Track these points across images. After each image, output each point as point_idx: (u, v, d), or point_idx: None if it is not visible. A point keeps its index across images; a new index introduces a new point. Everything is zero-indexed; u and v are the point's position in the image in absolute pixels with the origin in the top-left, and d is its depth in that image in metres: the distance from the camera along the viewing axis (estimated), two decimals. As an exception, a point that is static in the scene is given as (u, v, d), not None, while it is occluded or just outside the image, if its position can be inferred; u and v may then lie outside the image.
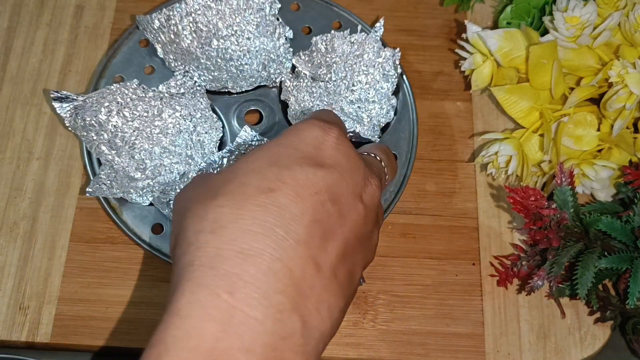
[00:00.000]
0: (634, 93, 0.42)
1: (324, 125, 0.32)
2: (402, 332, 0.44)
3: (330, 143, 0.31)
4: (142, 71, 0.48)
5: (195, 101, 0.45)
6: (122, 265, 0.44)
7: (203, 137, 0.45)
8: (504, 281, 0.44)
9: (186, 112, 0.45)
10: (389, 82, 0.46)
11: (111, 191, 0.42)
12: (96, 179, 0.43)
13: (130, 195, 0.43)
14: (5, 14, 0.52)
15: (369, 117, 0.46)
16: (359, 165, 0.32)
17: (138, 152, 0.43)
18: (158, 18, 0.45)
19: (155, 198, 0.43)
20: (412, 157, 0.46)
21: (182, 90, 0.45)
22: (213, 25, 0.46)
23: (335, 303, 0.29)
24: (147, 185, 0.43)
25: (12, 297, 0.43)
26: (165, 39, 0.46)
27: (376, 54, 0.45)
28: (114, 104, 0.43)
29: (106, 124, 0.43)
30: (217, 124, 0.45)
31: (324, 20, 0.50)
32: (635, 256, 0.41)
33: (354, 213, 0.31)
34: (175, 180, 0.44)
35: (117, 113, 0.43)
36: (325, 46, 0.46)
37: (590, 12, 0.43)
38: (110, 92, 0.43)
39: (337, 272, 0.29)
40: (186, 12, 0.45)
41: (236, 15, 0.46)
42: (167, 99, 0.44)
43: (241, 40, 0.46)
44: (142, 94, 0.44)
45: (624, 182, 0.45)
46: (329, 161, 0.31)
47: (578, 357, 0.43)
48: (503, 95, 0.46)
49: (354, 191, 0.31)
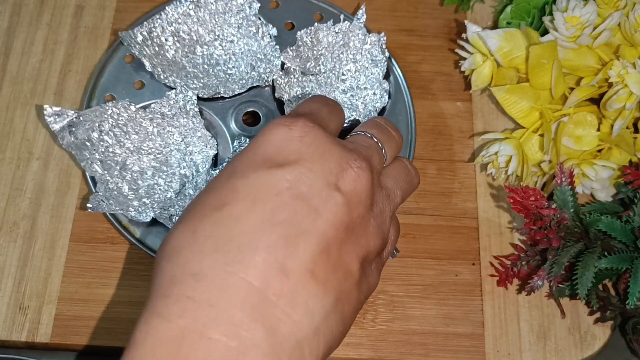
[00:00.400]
0: (634, 93, 0.42)
1: (287, 120, 0.30)
2: (402, 332, 0.44)
3: (294, 137, 0.30)
4: (131, 87, 0.47)
5: (187, 121, 0.44)
6: (122, 265, 0.44)
7: (196, 156, 0.44)
8: (504, 281, 0.44)
9: (177, 132, 0.44)
10: (378, 67, 0.46)
11: (110, 208, 0.42)
12: (95, 195, 0.42)
13: (130, 213, 0.42)
14: (5, 14, 0.52)
15: (364, 103, 0.46)
16: (330, 152, 0.30)
17: (129, 173, 0.43)
18: (140, 32, 0.45)
19: (156, 214, 0.43)
20: (411, 156, 0.47)
21: (174, 110, 0.44)
22: (195, 32, 0.46)
23: (316, 304, 0.27)
24: (143, 204, 0.43)
25: (12, 297, 0.43)
26: (151, 52, 0.46)
27: (362, 41, 0.46)
28: (106, 124, 0.43)
29: (98, 142, 0.43)
30: (210, 142, 0.45)
31: (304, 14, 0.50)
32: (635, 256, 0.41)
33: (330, 204, 0.28)
34: (171, 199, 0.43)
35: (107, 132, 0.43)
36: (311, 39, 0.46)
37: (590, 12, 0.43)
38: (103, 110, 0.43)
39: (314, 271, 0.27)
40: (167, 22, 0.45)
41: (216, 20, 0.46)
42: (159, 120, 0.44)
43: (225, 44, 0.46)
44: (134, 114, 0.43)
45: (624, 182, 0.45)
46: (291, 157, 0.29)
47: (578, 357, 0.43)
48: (503, 95, 0.46)
49: (326, 181, 0.29)
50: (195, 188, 0.44)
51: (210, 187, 0.30)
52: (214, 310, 0.25)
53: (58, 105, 0.48)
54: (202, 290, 0.26)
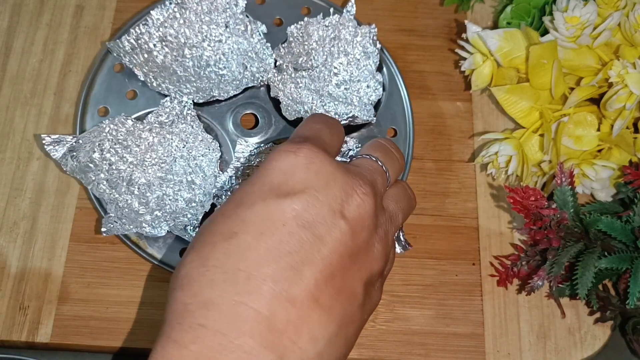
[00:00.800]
0: (634, 93, 0.42)
1: (292, 147, 0.31)
2: (402, 332, 0.44)
3: (300, 164, 0.30)
4: (124, 97, 0.47)
5: (186, 126, 0.44)
6: (122, 265, 0.44)
7: (200, 160, 0.44)
8: (504, 281, 0.44)
9: (178, 139, 0.44)
10: (370, 59, 0.46)
11: (124, 227, 0.42)
12: (107, 217, 0.42)
13: (144, 229, 0.42)
14: (5, 14, 0.52)
15: (358, 97, 0.46)
16: (335, 179, 0.31)
17: (137, 187, 0.42)
18: (128, 40, 0.45)
19: (171, 227, 0.43)
20: (410, 157, 0.47)
21: (171, 117, 0.44)
22: (182, 35, 0.45)
23: (320, 330, 0.28)
24: (155, 217, 0.42)
25: (12, 297, 0.43)
26: (141, 60, 0.45)
27: (352, 34, 0.45)
28: (106, 142, 0.42)
29: (101, 162, 0.42)
30: (212, 145, 0.44)
31: (292, 9, 0.50)
32: (635, 256, 0.41)
33: (335, 232, 0.29)
34: (183, 208, 0.43)
35: (109, 150, 0.42)
36: (301, 34, 0.45)
37: (590, 12, 0.43)
38: (101, 129, 0.43)
39: (319, 298, 0.28)
40: (154, 27, 0.45)
41: (203, 20, 0.45)
42: (158, 129, 0.44)
43: (213, 44, 0.46)
44: (132, 128, 0.43)
45: (624, 182, 0.45)
46: (298, 186, 0.30)
47: (578, 357, 0.43)
48: (503, 95, 0.46)
49: (331, 208, 0.30)
50: (205, 194, 0.43)
51: (219, 215, 0.30)
52: (225, 338, 0.26)
53: (58, 106, 0.48)
54: (214, 319, 0.27)
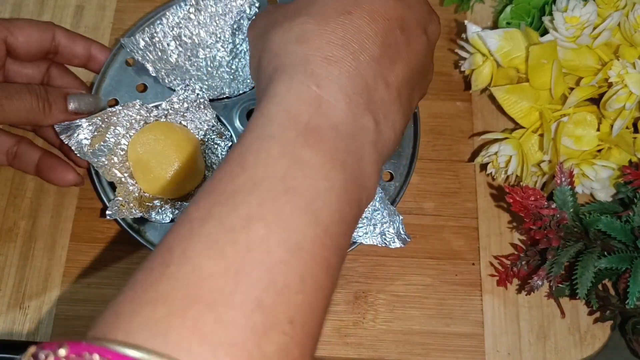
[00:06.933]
0: (633, 93, 0.42)
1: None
2: (402, 332, 0.44)
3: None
4: (134, 90, 0.47)
5: (200, 113, 0.45)
6: (122, 265, 0.44)
7: (213, 147, 0.45)
8: (504, 281, 0.44)
9: (192, 126, 0.45)
10: None
11: (130, 212, 0.42)
12: (114, 201, 0.42)
13: (150, 214, 0.42)
14: (5, 14, 0.52)
15: None
16: (425, 1, 0.36)
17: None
18: (142, 38, 0.45)
19: (175, 215, 0.43)
20: (415, 158, 0.46)
21: (186, 104, 0.45)
22: (196, 36, 0.45)
23: (398, 119, 0.33)
24: (164, 201, 0.43)
25: (12, 297, 0.43)
26: (154, 57, 0.45)
27: None
28: (120, 127, 0.43)
29: (115, 147, 0.43)
30: (225, 133, 0.45)
31: None
32: (635, 256, 0.41)
33: (418, 43, 0.34)
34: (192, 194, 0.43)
35: (123, 136, 0.43)
36: None
37: (590, 12, 0.43)
38: (114, 114, 0.43)
39: (401, 93, 0.33)
40: (168, 27, 0.45)
41: (217, 22, 0.45)
42: (173, 116, 0.44)
43: (227, 45, 0.46)
44: (146, 114, 0.44)
45: (624, 182, 0.45)
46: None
47: (578, 357, 0.43)
48: (503, 95, 0.46)
49: (419, 23, 0.34)
50: None
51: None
52: (342, 90, 0.30)
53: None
54: (333, 72, 0.30)
